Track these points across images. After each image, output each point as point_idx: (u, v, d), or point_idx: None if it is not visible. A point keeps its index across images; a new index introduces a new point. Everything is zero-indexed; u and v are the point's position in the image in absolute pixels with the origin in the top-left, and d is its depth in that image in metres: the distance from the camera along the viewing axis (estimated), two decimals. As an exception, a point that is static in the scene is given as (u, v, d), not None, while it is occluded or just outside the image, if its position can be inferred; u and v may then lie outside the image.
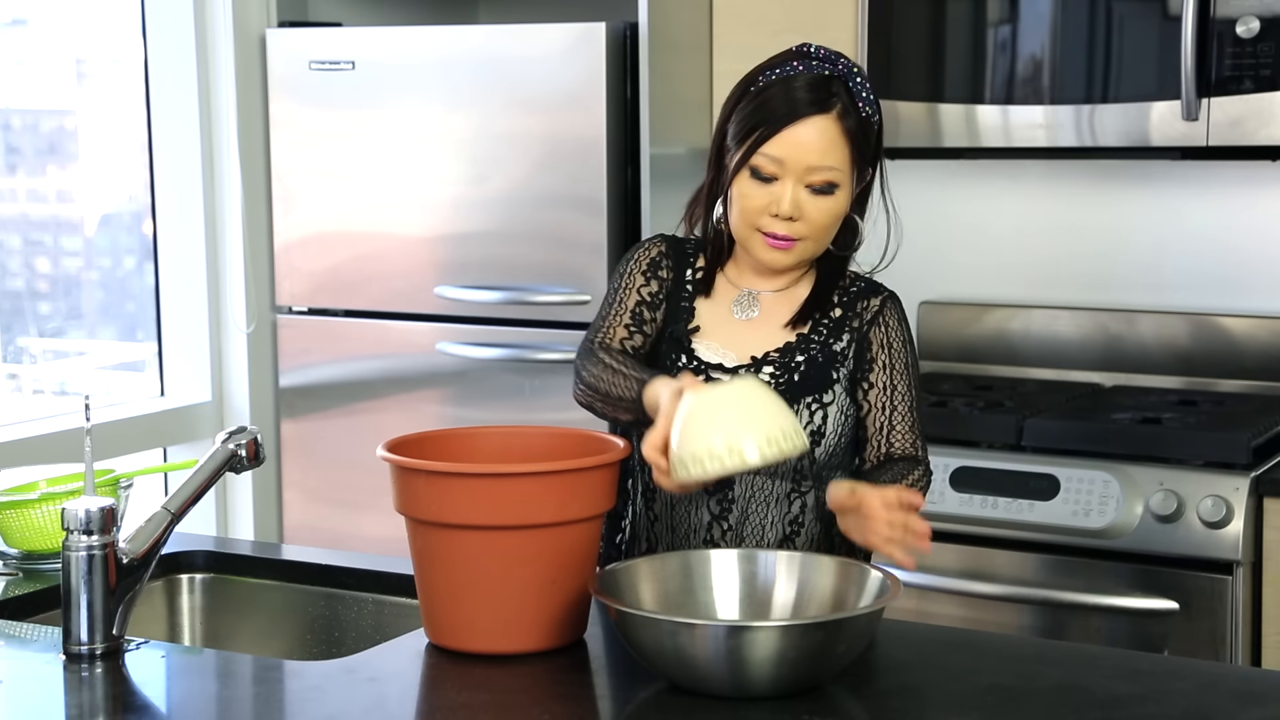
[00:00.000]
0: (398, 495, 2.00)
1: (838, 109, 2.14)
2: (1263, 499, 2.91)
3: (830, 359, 2.20)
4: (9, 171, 3.73)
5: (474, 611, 1.93)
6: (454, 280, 3.55)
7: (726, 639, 1.76)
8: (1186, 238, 3.52)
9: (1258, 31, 3.00)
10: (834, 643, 1.79)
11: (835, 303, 2.23)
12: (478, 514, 1.91)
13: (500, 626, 1.93)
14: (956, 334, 3.70)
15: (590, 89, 3.37)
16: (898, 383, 2.20)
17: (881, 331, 2.22)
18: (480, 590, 1.92)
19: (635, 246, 2.31)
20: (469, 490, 1.91)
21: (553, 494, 1.92)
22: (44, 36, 3.77)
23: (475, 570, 1.92)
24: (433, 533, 1.95)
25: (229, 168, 3.71)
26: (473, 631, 1.94)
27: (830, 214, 2.16)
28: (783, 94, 2.14)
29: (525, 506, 1.91)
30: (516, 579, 1.92)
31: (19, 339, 3.74)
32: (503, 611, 1.93)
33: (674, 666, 1.80)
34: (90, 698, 1.89)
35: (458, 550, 1.93)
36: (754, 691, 1.78)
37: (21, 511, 2.34)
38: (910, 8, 3.32)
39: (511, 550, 1.91)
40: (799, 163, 2.13)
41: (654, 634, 1.79)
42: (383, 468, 2.00)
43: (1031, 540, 3.03)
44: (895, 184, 2.28)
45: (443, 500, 1.93)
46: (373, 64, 3.59)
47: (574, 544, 1.95)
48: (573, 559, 1.95)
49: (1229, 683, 1.96)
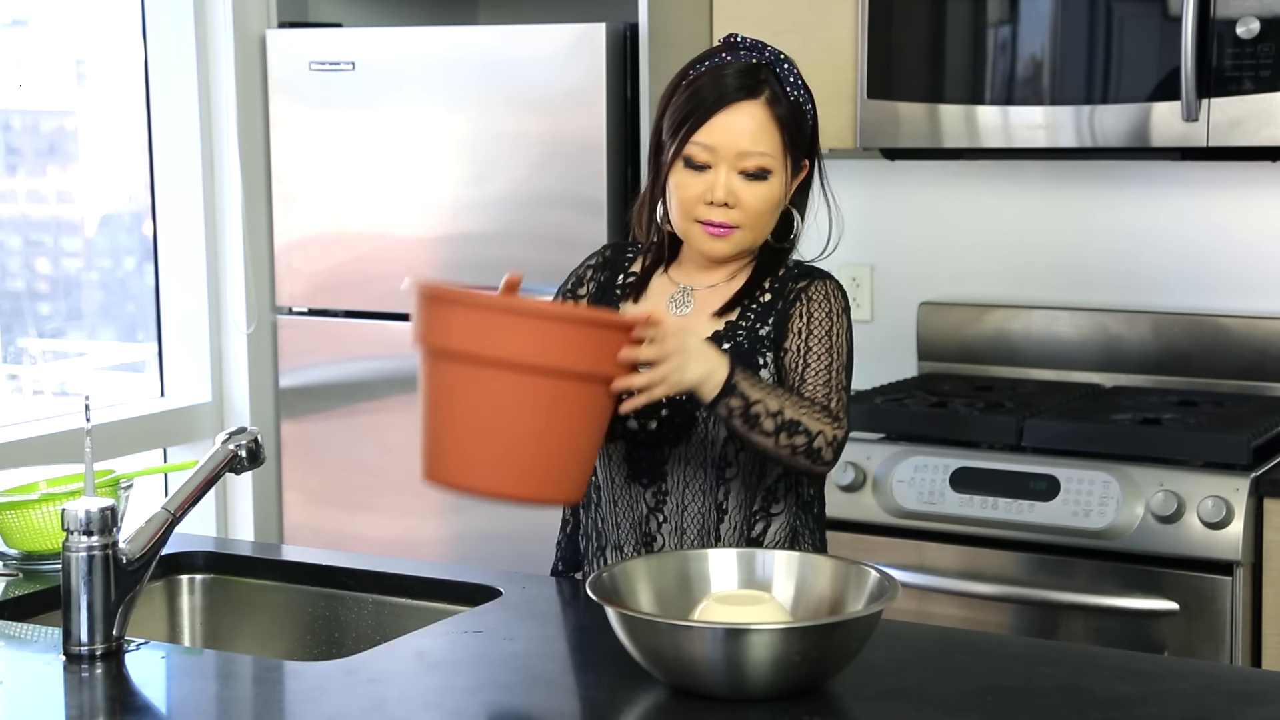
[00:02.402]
0: (427, 325, 1.97)
1: (766, 95, 2.16)
2: (1263, 499, 2.91)
3: (755, 343, 2.20)
4: (9, 172, 3.73)
5: (480, 446, 1.94)
6: (454, 280, 3.54)
7: (725, 642, 1.76)
8: (1186, 238, 3.52)
9: (1258, 32, 3.00)
10: (833, 645, 1.79)
11: (766, 288, 2.24)
12: (507, 349, 1.91)
13: (503, 465, 1.94)
14: (956, 334, 3.70)
15: (590, 89, 3.37)
16: (813, 345, 2.18)
17: (803, 305, 2.21)
18: (493, 426, 1.93)
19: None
20: (505, 325, 1.92)
21: (589, 344, 1.94)
22: (44, 36, 3.77)
23: (493, 405, 1.93)
24: (453, 365, 1.95)
25: (229, 168, 3.71)
26: (475, 467, 1.95)
27: (765, 200, 2.17)
28: (711, 83, 2.17)
29: (559, 350, 1.92)
30: (531, 421, 1.93)
31: (19, 339, 3.74)
32: (510, 450, 1.94)
33: (673, 669, 1.80)
34: (90, 698, 1.89)
35: (476, 383, 1.93)
36: (753, 694, 1.78)
37: (21, 512, 2.34)
38: (910, 8, 3.32)
39: (534, 391, 1.93)
40: (730, 148, 2.15)
41: (653, 636, 1.79)
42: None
43: (1031, 541, 3.03)
44: (895, 184, 2.28)
45: (473, 331, 1.92)
46: (373, 64, 3.59)
47: (595, 400, 1.97)
48: (588, 415, 1.97)
49: (1229, 683, 1.96)
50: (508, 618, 2.10)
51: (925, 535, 3.11)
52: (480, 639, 2.03)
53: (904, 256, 3.79)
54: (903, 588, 3.07)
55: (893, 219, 3.79)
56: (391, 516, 3.65)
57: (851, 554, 2.83)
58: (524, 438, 1.94)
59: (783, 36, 2.23)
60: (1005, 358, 3.66)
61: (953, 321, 3.71)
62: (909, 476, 3.11)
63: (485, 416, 1.93)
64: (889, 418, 3.24)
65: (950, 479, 3.08)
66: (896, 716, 1.80)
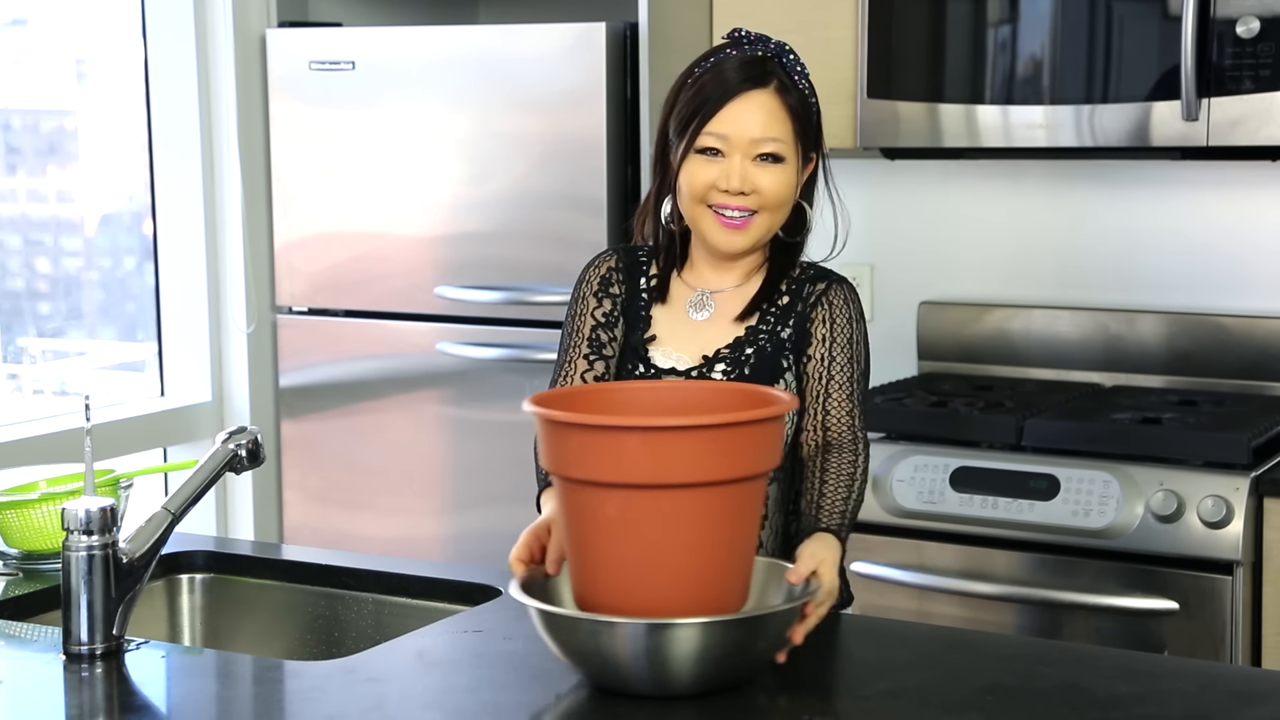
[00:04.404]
0: (552, 454, 1.83)
1: (775, 84, 2.16)
2: (1263, 499, 2.91)
3: (778, 347, 2.20)
4: (9, 171, 3.73)
5: (638, 574, 1.81)
6: (454, 280, 3.55)
7: (647, 637, 1.76)
8: (1186, 238, 3.52)
9: (1258, 31, 3.00)
10: (754, 640, 1.80)
11: (783, 291, 2.23)
12: (645, 472, 1.76)
13: (665, 590, 1.81)
14: (956, 334, 3.70)
15: (590, 89, 3.37)
16: (836, 354, 2.19)
17: (825, 309, 2.20)
18: (643, 552, 1.80)
19: (586, 265, 2.31)
20: (637, 445, 1.76)
21: (723, 449, 1.78)
22: (44, 36, 3.77)
23: (639, 530, 1.80)
24: (592, 492, 1.81)
25: (229, 168, 3.71)
26: (635, 595, 1.81)
27: (780, 185, 2.16)
28: (719, 76, 2.16)
29: (695, 462, 1.77)
30: (682, 540, 1.80)
31: (19, 339, 3.74)
32: (668, 574, 1.81)
33: (596, 666, 1.81)
34: (90, 698, 1.89)
35: (622, 510, 1.80)
36: (676, 690, 1.79)
37: (21, 511, 2.34)
38: (910, 8, 3.32)
39: (679, 510, 1.79)
40: (743, 136, 2.14)
41: (575, 633, 1.80)
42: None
43: (1031, 540, 3.03)
44: (895, 184, 2.28)
45: (605, 457, 1.78)
46: (373, 64, 3.59)
47: (743, 501, 1.84)
48: (742, 518, 1.85)
49: (1229, 683, 1.96)
50: (507, 617, 2.09)
51: (925, 535, 3.11)
52: (480, 638, 2.03)
53: (904, 256, 3.79)
54: (903, 588, 3.10)
55: (893, 219, 3.79)
56: (391, 516, 3.65)
57: (851, 553, 2.84)
58: (710, 555, 1.82)
59: (783, 36, 2.23)
60: (1005, 357, 3.66)
61: (953, 321, 3.71)
62: (909, 476, 3.11)
63: (648, 539, 1.80)
64: (889, 417, 3.24)
65: (950, 478, 3.08)
66: (896, 716, 1.79)
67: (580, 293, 2.28)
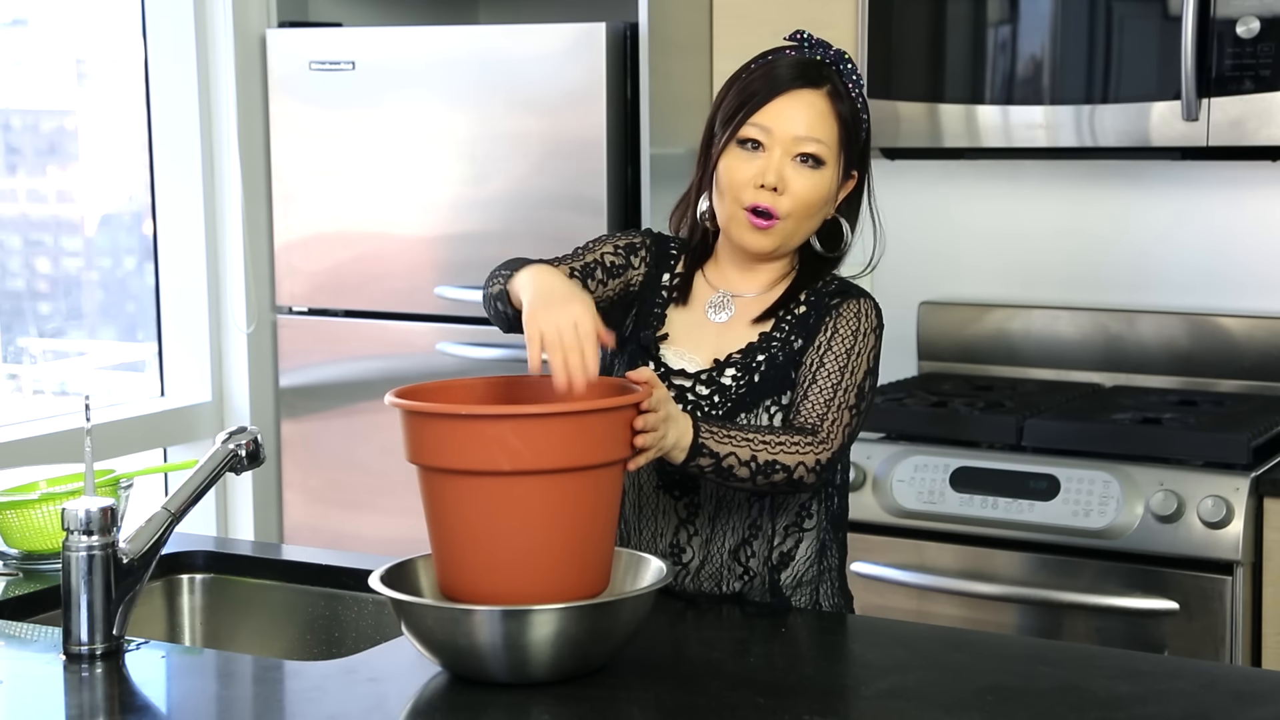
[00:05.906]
0: (411, 444, 1.91)
1: (828, 88, 2.13)
2: (1263, 499, 2.91)
3: (790, 357, 2.15)
4: (9, 171, 3.73)
5: (493, 562, 1.85)
6: (454, 280, 3.55)
7: (503, 623, 1.79)
8: (1186, 238, 3.52)
9: (1258, 31, 3.00)
10: (608, 625, 1.84)
11: (802, 300, 2.19)
12: (500, 459, 1.81)
13: (518, 576, 1.85)
14: (956, 334, 3.70)
15: (590, 89, 3.37)
16: (827, 361, 2.12)
17: (832, 319, 2.16)
18: (498, 539, 1.84)
19: (623, 231, 2.29)
20: (490, 434, 1.81)
21: (574, 436, 1.83)
22: (44, 36, 3.77)
23: (495, 518, 1.84)
24: (448, 480, 1.87)
25: (229, 168, 3.71)
26: (492, 584, 1.86)
27: (814, 190, 2.12)
28: (770, 72, 2.14)
29: (548, 450, 1.82)
30: (537, 527, 1.84)
31: (19, 339, 3.74)
32: (524, 562, 1.85)
33: (452, 654, 1.84)
34: (90, 698, 1.89)
35: (475, 498, 1.84)
36: (533, 676, 1.82)
37: (21, 511, 2.34)
38: (910, 8, 3.32)
39: (535, 496, 1.83)
40: (786, 132, 2.11)
41: (431, 622, 1.83)
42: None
43: (1031, 540, 3.03)
44: (895, 184, 2.28)
45: (461, 445, 1.83)
46: (373, 64, 3.59)
47: (599, 490, 1.88)
48: (599, 507, 1.89)
49: (1229, 683, 1.96)
50: (508, 617, 2.09)
51: (925, 535, 3.11)
52: (480, 639, 2.03)
53: (904, 256, 3.78)
54: (903, 588, 3.10)
55: (893, 219, 3.75)
56: (391, 516, 3.65)
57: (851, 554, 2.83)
58: (566, 539, 1.86)
59: (782, 37, 2.23)
60: (1005, 357, 3.66)
61: (953, 321, 3.71)
62: (909, 476, 3.11)
63: (508, 526, 1.84)
64: (889, 417, 3.24)
65: (950, 478, 3.08)
66: (896, 716, 1.79)
67: (605, 236, 2.25)
